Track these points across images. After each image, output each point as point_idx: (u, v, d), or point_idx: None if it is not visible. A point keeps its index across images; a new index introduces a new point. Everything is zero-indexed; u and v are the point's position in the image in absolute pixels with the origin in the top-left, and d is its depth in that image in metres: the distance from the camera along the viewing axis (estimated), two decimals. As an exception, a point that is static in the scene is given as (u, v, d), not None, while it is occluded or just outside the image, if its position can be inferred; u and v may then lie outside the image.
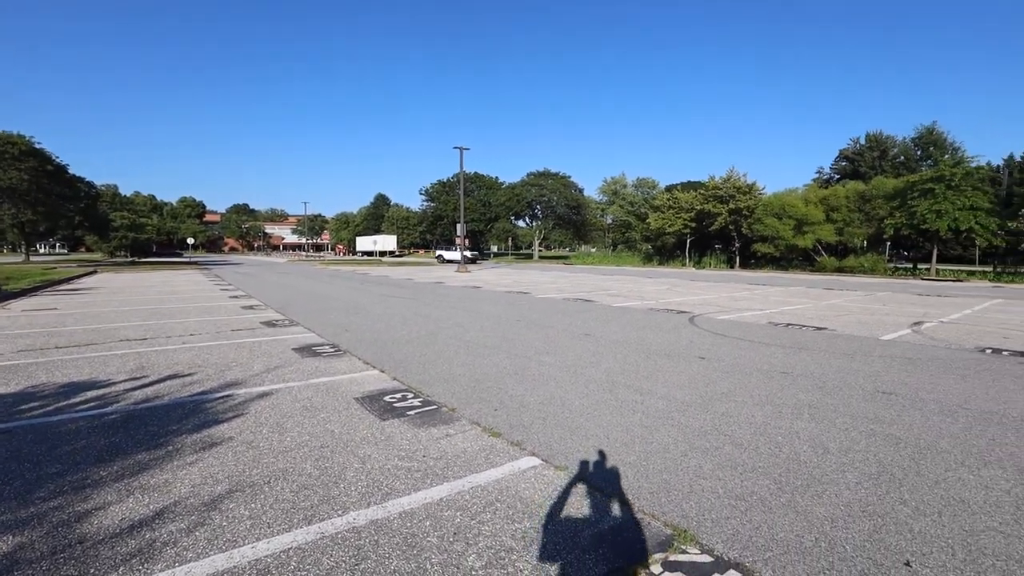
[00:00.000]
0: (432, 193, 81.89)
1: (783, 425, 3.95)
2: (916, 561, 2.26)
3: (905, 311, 11.76)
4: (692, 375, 5.49)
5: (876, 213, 33.26)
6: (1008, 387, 5.10)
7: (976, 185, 29.33)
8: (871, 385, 5.12)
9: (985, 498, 2.82)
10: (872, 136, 57.27)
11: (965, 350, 7.03)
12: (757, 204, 38.43)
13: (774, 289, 18.69)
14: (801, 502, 2.77)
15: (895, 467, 3.21)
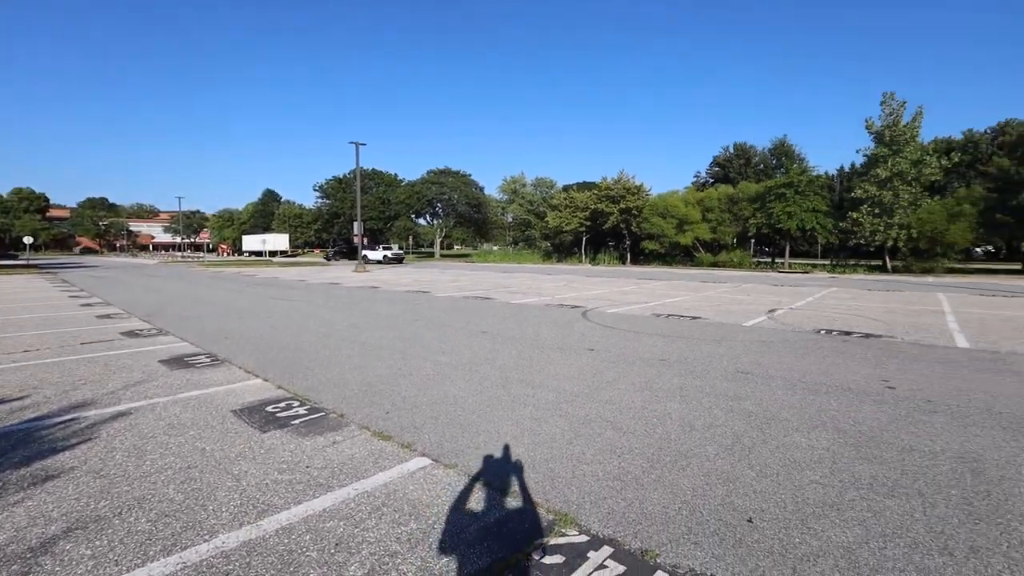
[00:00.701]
0: (327, 190, 77.73)
1: (658, 408, 4.32)
2: (757, 517, 2.60)
3: (763, 300, 13.40)
4: (581, 367, 5.80)
5: (742, 214, 37.45)
6: (835, 362, 6.04)
7: (817, 191, 34.33)
8: (732, 366, 5.78)
9: (811, 456, 3.32)
10: (739, 145, 64.36)
11: (806, 332, 8.20)
12: (644, 204, 41.45)
13: (659, 283, 20.31)
14: (669, 476, 3.05)
15: (746, 437, 3.66)
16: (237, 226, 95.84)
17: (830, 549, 2.33)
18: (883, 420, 4.01)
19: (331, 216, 76.50)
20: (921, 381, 5.18)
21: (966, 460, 3.27)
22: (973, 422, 3.98)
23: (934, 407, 4.33)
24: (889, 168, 29.64)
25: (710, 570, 2.19)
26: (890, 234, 29.92)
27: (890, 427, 3.86)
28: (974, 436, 3.68)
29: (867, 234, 30.62)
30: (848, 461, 3.25)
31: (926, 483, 2.96)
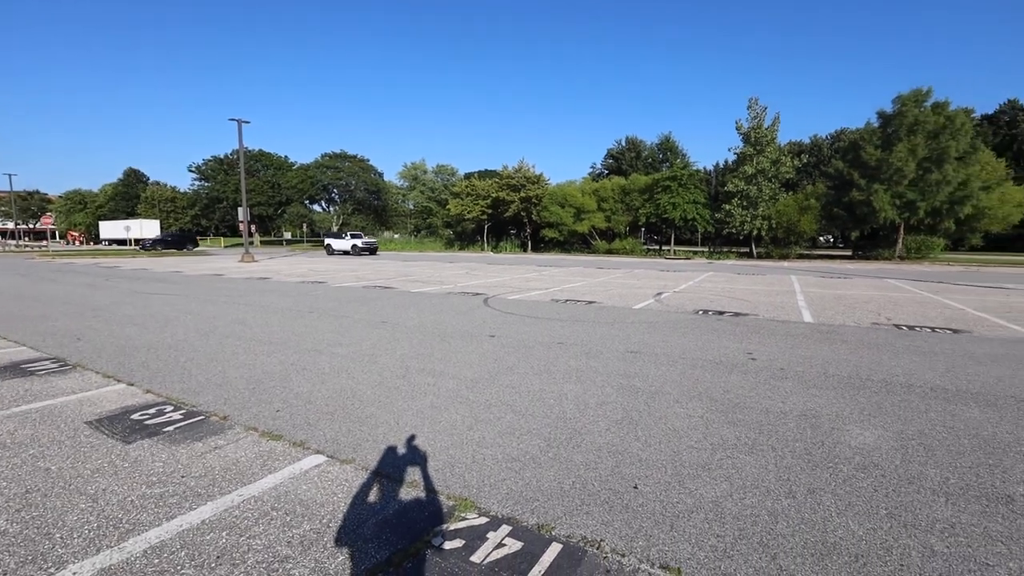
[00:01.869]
0: (206, 171, 70.09)
1: (555, 389, 4.51)
2: (641, 483, 2.84)
3: (652, 285, 14.50)
4: (483, 353, 5.87)
5: (634, 204, 40.03)
6: (709, 339, 6.72)
7: (697, 184, 37.75)
8: (623, 347, 6.21)
9: (688, 424, 3.68)
10: (630, 139, 68.43)
11: (687, 313, 9.03)
12: (544, 193, 42.67)
13: (558, 270, 21.10)
14: (564, 454, 3.21)
15: (634, 412, 3.96)
16: (92, 210, 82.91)
17: (702, 504, 2.61)
18: (746, 388, 4.56)
19: (212, 200, 69.18)
20: (776, 352, 5.95)
21: (807, 416, 3.83)
22: (814, 384, 4.67)
23: (785, 374, 5.01)
24: (754, 166, 33.40)
25: (600, 536, 2.35)
26: (755, 224, 33.86)
27: (751, 393, 4.40)
28: (814, 396, 4.32)
29: (738, 224, 34.36)
30: (718, 426, 3.66)
31: (777, 439, 3.42)
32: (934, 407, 4.07)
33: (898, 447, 3.30)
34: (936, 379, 4.86)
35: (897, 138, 29.87)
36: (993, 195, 30.16)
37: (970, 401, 4.22)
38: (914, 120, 29.52)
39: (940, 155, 28.87)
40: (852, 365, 5.37)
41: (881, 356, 5.79)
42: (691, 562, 2.17)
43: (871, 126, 32.36)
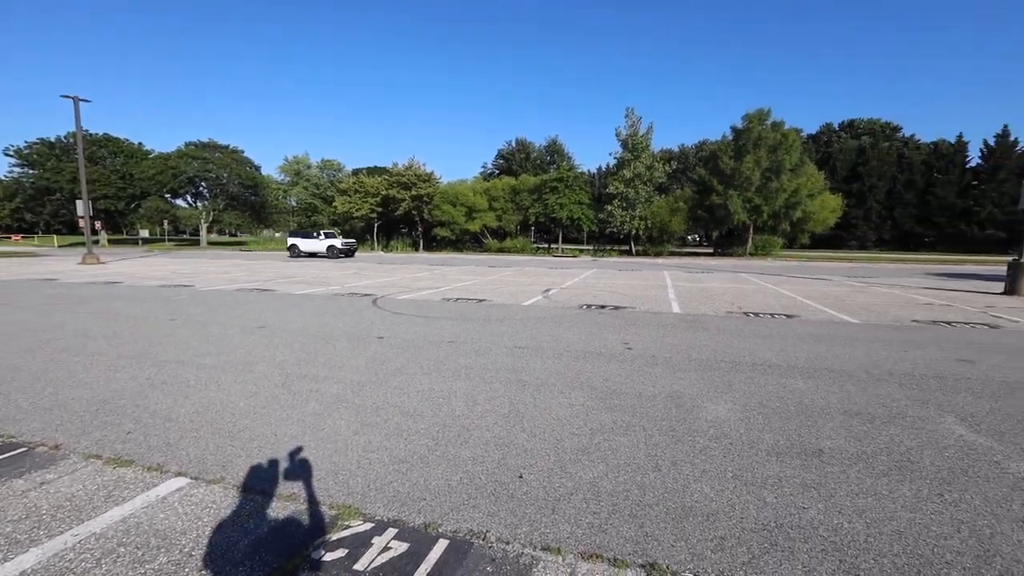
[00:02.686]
0: (31, 156, 58.80)
1: (445, 388, 4.52)
2: (526, 471, 2.96)
3: (541, 282, 15.08)
4: (370, 355, 5.69)
5: (524, 204, 41.26)
6: (592, 331, 7.18)
7: (582, 186, 39.99)
8: (512, 343, 6.39)
9: (570, 412, 3.91)
10: (520, 141, 70.40)
11: (573, 308, 9.54)
12: (436, 192, 42.31)
13: (450, 269, 21.07)
14: (453, 451, 3.24)
15: (521, 404, 4.11)
16: None
17: (581, 486, 2.80)
18: (622, 375, 4.95)
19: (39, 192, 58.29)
20: (649, 341, 6.53)
21: (673, 397, 4.27)
22: (679, 368, 5.21)
23: (656, 361, 5.52)
24: (632, 170, 36.24)
25: (486, 527, 2.42)
26: (634, 224, 36.79)
27: (627, 380, 4.78)
28: (679, 379, 4.82)
29: (618, 224, 37.05)
30: (597, 412, 3.93)
31: (648, 420, 3.77)
32: (771, 381, 4.76)
33: (743, 417, 3.82)
34: (773, 357, 5.69)
35: (746, 150, 34.26)
36: (816, 202, 35.91)
37: (797, 374, 5.00)
38: (758, 136, 34.07)
39: (778, 167, 33.68)
40: (710, 349, 6.08)
41: (732, 340, 6.62)
42: (570, 540, 2.32)
43: (726, 139, 36.77)
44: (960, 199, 54.71)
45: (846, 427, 3.66)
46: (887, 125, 67.56)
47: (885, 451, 3.27)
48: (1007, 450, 3.30)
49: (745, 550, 2.25)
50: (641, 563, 2.17)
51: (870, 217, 57.53)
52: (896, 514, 2.54)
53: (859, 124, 68.27)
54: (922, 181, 57.01)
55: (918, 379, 4.90)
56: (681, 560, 2.18)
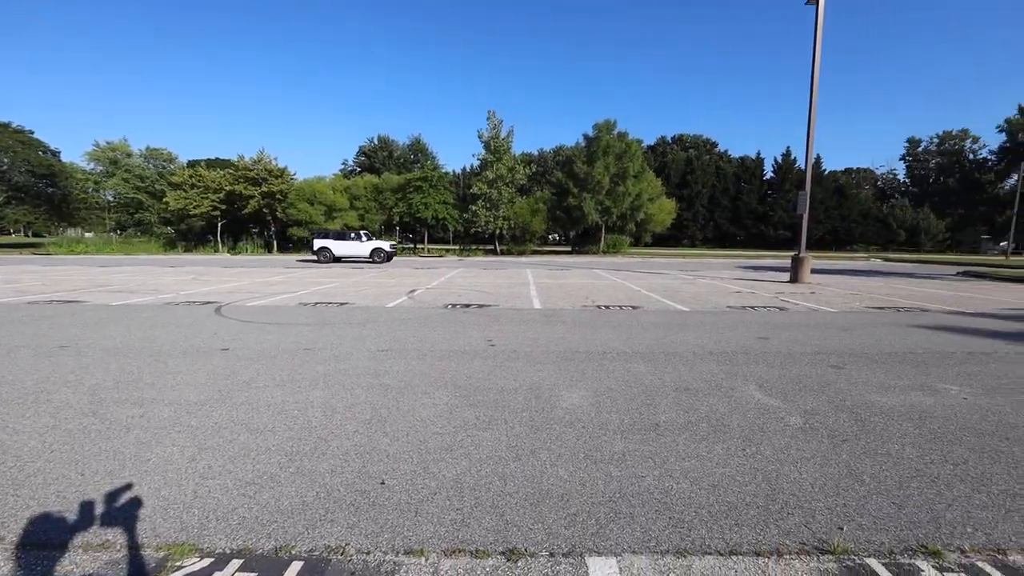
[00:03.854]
0: None
1: (300, 399, 4.21)
2: (389, 477, 2.89)
3: (406, 282, 14.80)
4: (212, 370, 5.07)
5: (387, 203, 40.08)
6: (456, 330, 7.25)
7: (446, 186, 40.08)
8: (375, 346, 6.18)
9: (434, 412, 3.91)
10: (382, 138, 68.23)
11: (438, 308, 9.53)
12: (290, 189, 39.07)
13: (309, 271, 19.64)
14: (309, 464, 3.03)
15: (383, 409, 3.99)
16: None
17: (444, 484, 2.82)
18: (486, 371, 5.08)
19: None
20: (512, 337, 6.80)
21: (533, 389, 4.51)
22: (539, 361, 5.51)
23: (517, 355, 5.77)
24: (495, 171, 37.28)
25: (345, 540, 2.31)
26: (498, 224, 37.92)
27: (490, 376, 4.92)
28: (539, 371, 5.10)
29: (483, 224, 37.87)
30: (461, 409, 3.99)
31: (509, 413, 3.92)
32: (618, 367, 5.28)
33: (594, 402, 4.18)
34: (620, 345, 6.31)
35: (597, 157, 37.40)
36: (655, 205, 40.58)
37: (639, 359, 5.62)
38: (607, 144, 37.42)
39: (624, 173, 37.37)
40: (567, 341, 6.53)
41: (586, 332, 7.20)
42: (433, 540, 2.33)
43: (580, 146, 39.77)
44: (760, 205, 66.32)
45: (677, 402, 4.21)
46: (707, 141, 78.93)
47: (706, 419, 3.83)
48: (789, 407, 4.09)
49: (594, 522, 2.46)
50: (502, 550, 2.26)
51: (697, 219, 66.80)
52: (712, 471, 3.00)
53: (687, 138, 78.75)
54: (733, 189, 67.87)
55: (730, 356, 5.83)
56: (538, 541, 2.32)
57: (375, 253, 26.52)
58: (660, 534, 2.38)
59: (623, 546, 2.29)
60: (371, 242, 26.79)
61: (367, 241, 26.74)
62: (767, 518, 2.52)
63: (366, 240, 26.78)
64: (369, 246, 26.57)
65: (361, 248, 26.52)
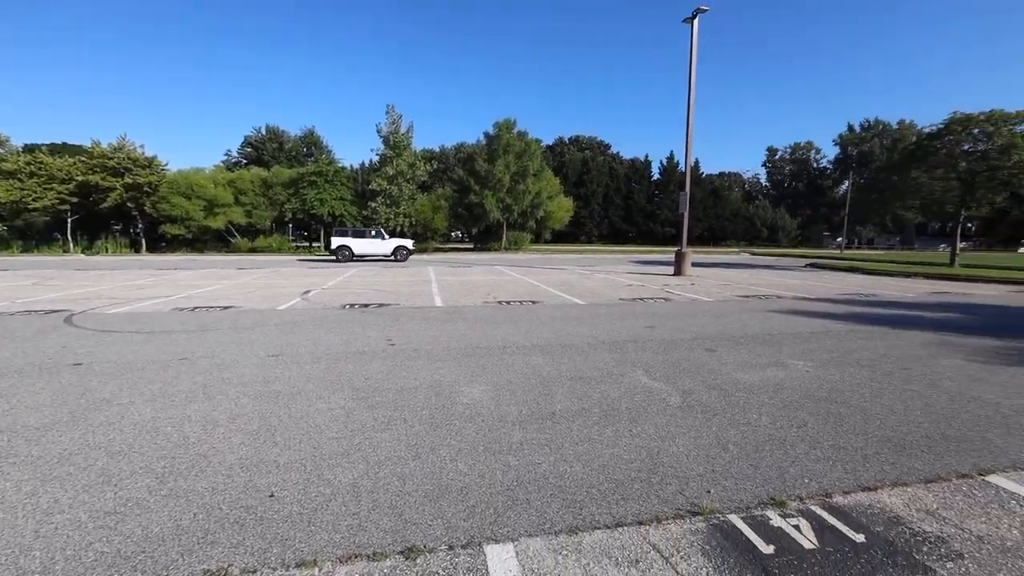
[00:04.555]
0: None
1: (175, 414, 3.81)
2: (279, 489, 2.73)
3: (300, 283, 13.93)
4: (59, 389, 4.40)
5: (278, 198, 37.30)
6: (354, 331, 6.99)
7: (344, 181, 38.22)
8: (263, 351, 5.76)
9: (329, 417, 3.75)
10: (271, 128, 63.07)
11: (334, 309, 9.10)
12: (161, 181, 34.87)
13: (186, 273, 17.72)
14: (185, 485, 2.77)
15: (273, 417, 3.75)
16: None
17: (340, 490, 2.72)
18: (385, 371, 4.97)
19: None
20: (413, 336, 6.70)
21: (433, 387, 4.49)
22: (440, 358, 5.49)
23: (418, 354, 5.71)
24: (395, 167, 36.28)
25: (228, 561, 2.15)
26: (398, 221, 36.95)
27: (390, 376, 4.82)
28: (439, 369, 5.09)
29: (383, 221, 36.65)
30: (358, 412, 3.87)
31: (409, 412, 3.88)
32: (518, 360, 5.43)
33: (494, 396, 4.26)
34: (520, 339, 6.49)
35: (498, 155, 37.90)
36: (554, 203, 42.12)
37: (538, 352, 5.82)
38: (507, 143, 38.07)
39: (524, 171, 38.28)
40: (468, 338, 6.58)
41: (487, 327, 7.31)
42: (328, 548, 2.24)
43: (481, 144, 40.03)
44: (649, 204, 71.55)
45: (572, 390, 4.44)
46: (601, 142, 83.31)
47: (598, 405, 4.08)
48: (670, 389, 4.50)
49: (492, 511, 2.53)
50: (400, 550, 2.24)
51: (593, 216, 70.35)
52: (602, 452, 3.21)
53: (583, 140, 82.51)
54: (625, 189, 72.47)
55: (621, 345, 6.26)
56: (437, 536, 2.33)
57: (398, 251, 26.15)
58: (554, 516, 2.50)
59: (520, 531, 2.38)
60: (393, 240, 26.54)
61: (389, 239, 26.47)
62: (649, 490, 2.76)
63: (388, 238, 26.54)
64: (391, 244, 26.20)
65: (383, 246, 26.09)
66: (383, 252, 26.19)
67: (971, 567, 2.17)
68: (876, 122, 78.16)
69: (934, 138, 23.30)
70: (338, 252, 25.51)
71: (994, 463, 3.15)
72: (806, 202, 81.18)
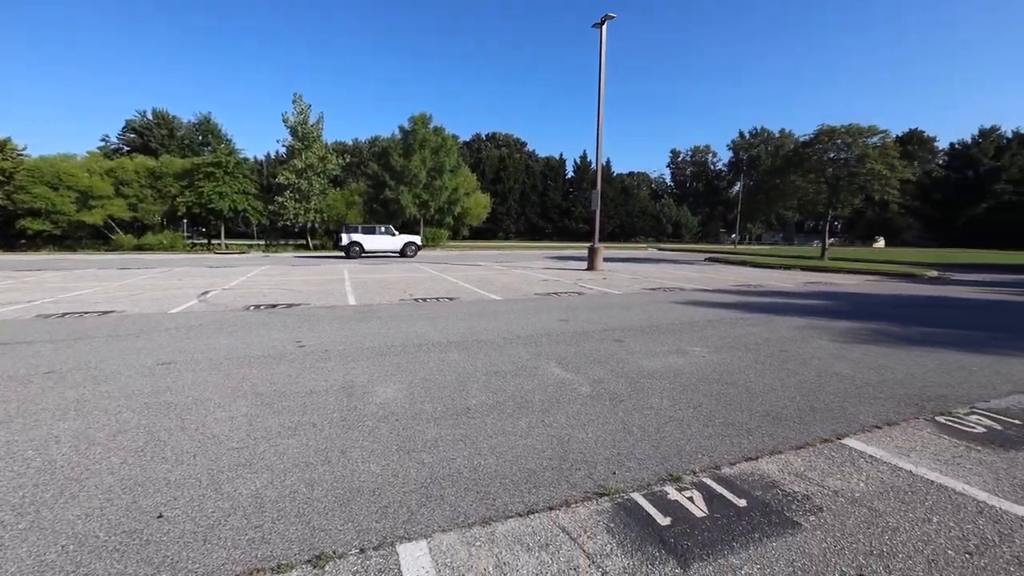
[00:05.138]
0: None
1: (38, 435, 3.36)
2: (168, 508, 2.51)
3: (197, 283, 12.77)
4: None
5: (169, 191, 33.78)
6: (260, 333, 6.56)
7: (246, 174, 35.50)
8: (152, 360, 5.23)
9: (231, 426, 3.50)
10: (159, 113, 56.95)
11: (237, 310, 8.46)
12: (18, 167, 30.24)
13: (54, 274, 15.54)
14: (50, 515, 2.45)
15: (163, 431, 3.42)
16: None
17: (240, 503, 2.56)
18: (293, 374, 4.72)
19: None
20: (324, 336, 6.42)
21: (345, 388, 4.34)
22: (352, 358, 5.31)
23: (329, 355, 5.48)
24: (303, 160, 34.26)
25: (106, 592, 1.95)
26: (309, 217, 35.04)
27: (298, 379, 4.59)
28: (352, 369, 4.93)
29: (292, 217, 34.57)
30: (263, 419, 3.64)
31: (319, 415, 3.72)
32: (433, 357, 5.40)
33: (408, 394, 4.21)
34: (436, 336, 6.45)
35: (414, 150, 37.14)
36: (471, 199, 42.14)
37: (454, 348, 5.83)
38: (423, 138, 37.41)
39: (440, 167, 37.87)
40: (383, 336, 6.42)
41: (403, 325, 7.18)
42: (226, 565, 2.10)
43: (396, 138, 39.00)
44: (564, 201, 73.88)
45: (487, 385, 4.50)
46: (518, 140, 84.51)
47: (512, 398, 4.17)
48: (581, 379, 4.71)
49: (405, 510, 2.51)
50: (307, 559, 2.15)
51: (510, 213, 71.28)
52: (516, 443, 3.29)
53: (499, 137, 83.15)
54: (541, 186, 74.21)
55: (535, 338, 6.43)
56: (348, 541, 2.28)
57: (407, 247, 26.73)
58: (468, 509, 2.54)
59: (433, 527, 2.38)
60: (402, 236, 27.11)
61: (398, 236, 27.02)
62: (559, 476, 2.88)
63: (397, 235, 27.06)
64: (401, 240, 26.77)
65: (393, 243, 26.57)
66: (393, 248, 26.72)
67: (828, 517, 2.51)
68: (762, 130, 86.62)
69: (807, 146, 26.32)
70: (349, 248, 25.59)
71: (848, 428, 3.65)
72: (705, 201, 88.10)
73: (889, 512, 2.58)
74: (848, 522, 2.48)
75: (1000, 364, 5.54)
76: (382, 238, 26.62)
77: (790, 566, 2.15)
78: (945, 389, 4.62)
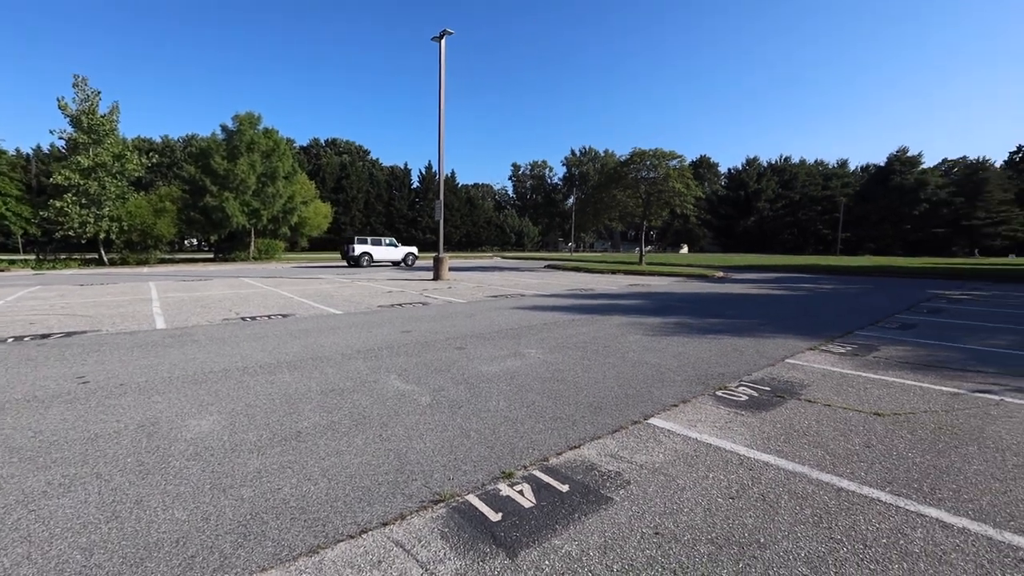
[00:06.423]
0: None
1: None
2: None
3: (-79, 313, 9.72)
4: None
5: None
6: (21, 371, 5.25)
7: (3, 170, 28.19)
8: None
9: None
10: None
11: (-13, 345, 6.66)
12: None
13: None
14: None
15: None
16: None
17: None
18: (71, 419, 3.88)
19: None
20: (119, 368, 5.40)
21: (145, 427, 3.71)
22: (157, 391, 4.57)
23: (126, 390, 4.63)
24: (92, 158, 28.38)
25: None
26: (101, 226, 29.05)
27: (78, 424, 3.79)
28: (155, 403, 4.24)
29: (76, 225, 28.30)
30: (20, 478, 2.93)
31: (105, 464, 3.12)
32: (259, 380, 4.91)
33: (228, 424, 3.77)
34: (264, 357, 5.88)
35: (240, 153, 33.35)
36: (311, 208, 39.34)
37: (285, 369, 5.37)
38: (251, 139, 33.85)
39: (273, 172, 34.65)
40: (199, 362, 5.64)
41: (225, 348, 6.39)
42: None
43: (218, 138, 34.56)
44: (410, 211, 73.18)
45: (322, 404, 4.24)
46: (360, 147, 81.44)
47: (349, 415, 4.00)
48: (421, 389, 4.71)
49: (217, 556, 2.24)
50: (80, 637, 1.80)
51: (355, 223, 68.25)
52: (351, 462, 3.16)
53: (340, 143, 79.19)
54: (387, 196, 72.50)
55: (376, 352, 6.25)
56: (138, 604, 1.96)
57: (407, 257, 30.39)
58: (293, 541, 2.36)
59: (251, 569, 2.17)
60: (404, 248, 30.78)
61: (401, 247, 30.61)
62: (395, 490, 2.84)
63: (400, 246, 30.60)
64: (403, 251, 30.45)
65: (396, 253, 30.11)
66: (396, 258, 30.04)
67: (634, 489, 2.89)
68: (590, 149, 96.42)
69: (624, 166, 30.07)
70: (360, 259, 28.12)
71: (653, 409, 4.26)
72: (544, 212, 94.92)
73: (679, 475, 3.07)
74: (649, 489, 2.89)
75: (760, 344, 6.97)
76: (388, 249, 29.96)
77: (602, 537, 2.43)
78: (724, 368, 5.65)
